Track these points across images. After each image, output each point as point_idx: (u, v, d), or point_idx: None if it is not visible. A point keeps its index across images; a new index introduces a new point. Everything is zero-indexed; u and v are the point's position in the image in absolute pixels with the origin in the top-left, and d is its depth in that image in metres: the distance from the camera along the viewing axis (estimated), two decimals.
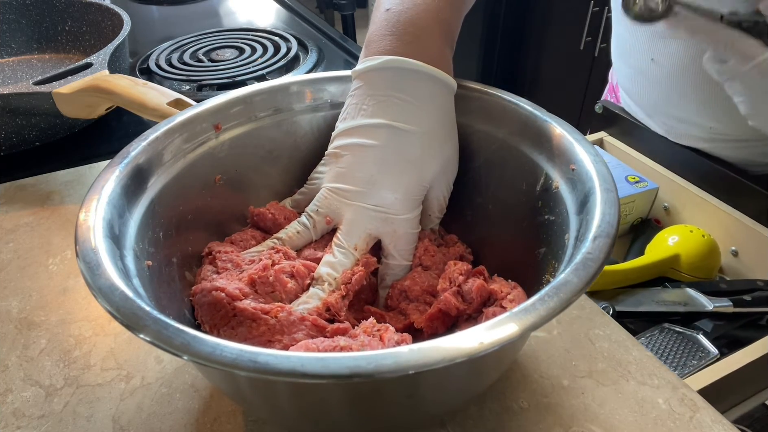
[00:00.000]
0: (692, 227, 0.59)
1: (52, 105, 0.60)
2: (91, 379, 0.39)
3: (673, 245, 0.58)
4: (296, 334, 0.34)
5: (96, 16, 0.81)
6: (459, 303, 0.37)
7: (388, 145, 0.39)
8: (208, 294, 0.35)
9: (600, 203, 0.31)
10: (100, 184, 0.33)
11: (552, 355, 0.40)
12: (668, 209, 0.65)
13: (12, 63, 0.84)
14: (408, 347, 0.23)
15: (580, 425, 0.36)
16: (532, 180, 0.39)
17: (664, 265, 0.58)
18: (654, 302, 0.54)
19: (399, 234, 0.40)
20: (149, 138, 0.37)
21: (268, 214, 0.43)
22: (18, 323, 0.44)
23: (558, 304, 0.26)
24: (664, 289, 0.56)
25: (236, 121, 0.43)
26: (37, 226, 0.54)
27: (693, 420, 0.36)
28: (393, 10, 0.40)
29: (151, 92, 0.57)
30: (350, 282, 0.38)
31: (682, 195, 0.63)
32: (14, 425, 0.37)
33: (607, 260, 0.29)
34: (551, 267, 0.35)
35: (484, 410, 0.37)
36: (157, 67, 0.85)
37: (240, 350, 0.23)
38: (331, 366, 0.23)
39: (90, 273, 0.27)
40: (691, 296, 0.54)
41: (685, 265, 0.57)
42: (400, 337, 0.34)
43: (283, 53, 0.88)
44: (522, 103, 0.40)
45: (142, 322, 0.25)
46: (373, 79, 0.40)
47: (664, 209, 0.65)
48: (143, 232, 0.34)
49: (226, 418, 0.37)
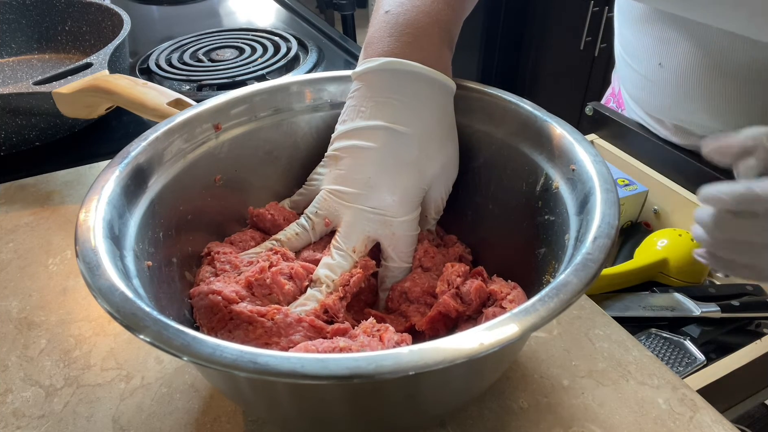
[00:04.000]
0: (681, 231, 0.59)
1: (52, 105, 0.60)
2: (91, 379, 0.39)
3: (662, 249, 0.58)
4: (294, 336, 0.34)
5: (96, 16, 0.81)
6: (458, 305, 0.37)
7: (386, 147, 0.39)
8: (204, 297, 0.35)
9: (600, 204, 0.31)
10: (100, 184, 0.33)
11: (552, 355, 0.40)
12: (658, 212, 0.65)
13: (12, 63, 0.84)
14: (408, 348, 0.23)
15: (580, 425, 0.36)
16: (532, 180, 0.39)
17: (652, 269, 0.57)
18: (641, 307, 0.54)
19: (397, 236, 0.40)
20: (149, 138, 0.37)
21: (268, 214, 0.43)
22: (18, 323, 0.44)
23: (558, 304, 0.26)
24: (651, 294, 0.56)
25: (236, 121, 0.43)
26: (37, 226, 0.54)
27: (693, 420, 0.36)
28: (392, 12, 0.40)
29: (151, 92, 0.57)
30: (348, 284, 0.38)
31: (672, 198, 0.63)
32: (14, 425, 0.37)
33: (608, 261, 0.29)
34: (551, 267, 0.35)
35: (484, 410, 0.37)
36: (157, 67, 0.85)
37: (240, 351, 0.23)
38: (331, 367, 0.23)
39: (90, 273, 0.27)
40: (678, 301, 0.54)
41: (673, 270, 0.57)
42: (400, 338, 0.34)
43: (283, 53, 0.88)
44: (522, 103, 0.40)
45: (142, 322, 0.25)
46: (372, 80, 0.40)
47: (654, 212, 0.65)
48: (143, 232, 0.34)
49: (226, 418, 0.37)
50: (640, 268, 0.57)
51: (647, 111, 0.69)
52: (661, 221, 0.65)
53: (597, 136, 0.72)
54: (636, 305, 0.54)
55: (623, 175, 0.65)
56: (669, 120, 0.66)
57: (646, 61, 0.64)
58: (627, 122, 0.69)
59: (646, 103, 0.68)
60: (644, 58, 0.64)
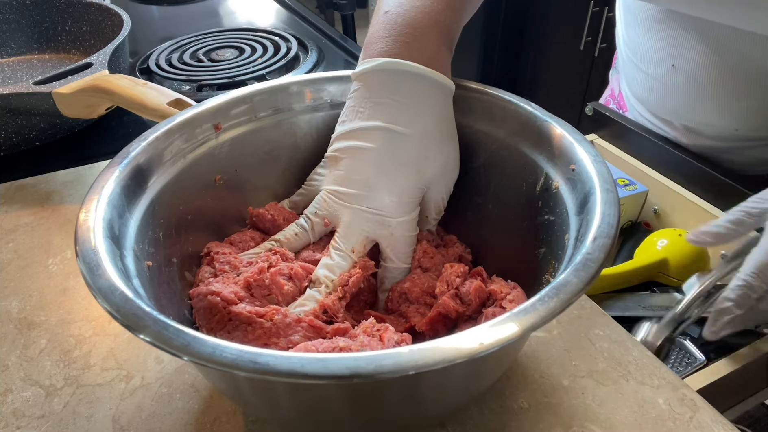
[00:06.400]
0: (681, 231, 0.59)
1: (52, 105, 0.60)
2: (91, 379, 0.39)
3: (662, 249, 0.57)
4: (293, 336, 0.34)
5: (96, 16, 0.81)
6: (457, 305, 0.37)
7: (384, 147, 0.39)
8: (203, 298, 0.35)
9: (600, 204, 0.31)
10: (100, 184, 0.33)
11: (552, 355, 0.40)
12: (658, 212, 0.65)
13: (12, 63, 0.84)
14: (408, 348, 0.23)
15: (580, 425, 0.36)
16: (532, 180, 0.39)
17: (652, 269, 0.57)
18: (641, 307, 0.54)
19: (396, 237, 0.40)
20: (149, 138, 0.37)
21: (267, 215, 0.43)
22: (18, 323, 0.44)
23: (558, 304, 0.26)
24: (651, 294, 0.56)
25: (236, 121, 0.43)
26: (37, 226, 0.54)
27: (693, 420, 0.36)
28: (391, 13, 0.40)
29: (151, 92, 0.57)
30: (347, 284, 0.38)
31: (672, 198, 0.63)
32: (14, 425, 0.37)
33: (608, 261, 0.29)
34: (551, 267, 0.35)
35: (484, 410, 0.37)
36: (157, 67, 0.85)
37: (240, 351, 0.23)
38: (331, 366, 0.23)
39: (90, 273, 0.27)
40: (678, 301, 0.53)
41: (673, 270, 0.57)
42: (400, 338, 0.34)
43: (283, 53, 0.88)
44: (522, 103, 0.40)
45: (142, 322, 0.25)
46: (370, 81, 0.40)
47: (653, 212, 0.65)
48: (143, 232, 0.34)
49: (226, 418, 0.37)
50: (641, 268, 0.57)
51: (655, 113, 0.69)
52: (661, 221, 0.65)
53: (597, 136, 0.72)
54: (636, 305, 0.54)
55: (623, 175, 0.65)
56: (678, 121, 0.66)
57: (657, 63, 0.64)
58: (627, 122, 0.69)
59: (655, 105, 0.68)
60: (655, 60, 0.64)
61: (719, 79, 0.58)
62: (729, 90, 0.58)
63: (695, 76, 0.60)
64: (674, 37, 0.60)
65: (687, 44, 0.59)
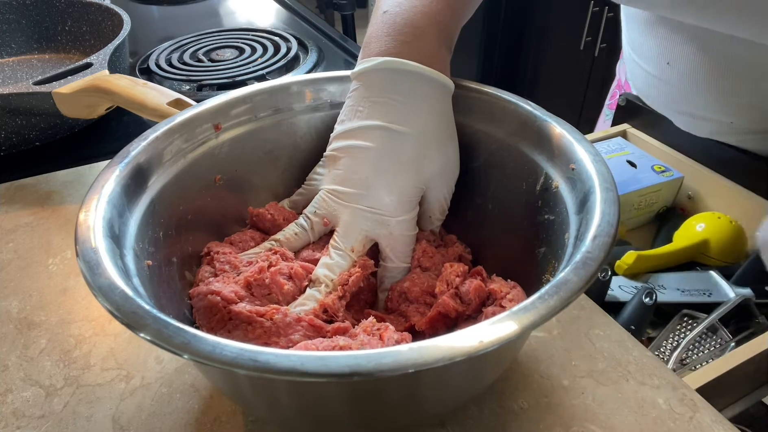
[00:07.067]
0: (720, 214, 0.61)
1: (52, 105, 0.60)
2: (91, 379, 0.39)
3: (702, 231, 0.60)
4: (293, 335, 0.34)
5: (96, 16, 0.81)
6: (457, 305, 0.37)
7: (383, 146, 0.39)
8: (203, 298, 0.35)
9: (600, 202, 0.31)
10: (100, 184, 0.33)
11: (552, 355, 0.40)
12: (692, 197, 0.68)
13: (12, 63, 0.84)
14: (408, 346, 0.23)
15: (580, 425, 0.36)
16: (532, 180, 0.39)
17: (693, 250, 0.60)
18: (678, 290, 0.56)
19: (395, 236, 0.40)
20: (149, 138, 0.37)
21: (267, 214, 0.43)
22: (18, 323, 0.44)
23: (558, 302, 0.26)
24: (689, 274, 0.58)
25: (236, 121, 0.43)
26: (37, 226, 0.54)
27: (693, 420, 0.36)
28: (390, 12, 0.40)
29: (151, 92, 0.57)
30: (347, 283, 0.38)
31: (706, 183, 0.66)
32: (14, 425, 0.37)
33: (607, 259, 0.29)
34: (551, 266, 0.35)
35: (484, 410, 0.37)
36: (157, 67, 0.85)
37: (240, 349, 0.23)
38: (331, 365, 0.23)
39: (90, 272, 0.27)
40: (715, 282, 0.56)
41: (714, 251, 0.60)
42: (400, 336, 0.34)
43: (283, 53, 0.88)
44: (522, 103, 0.40)
45: (142, 320, 0.25)
46: (369, 80, 0.40)
47: (688, 197, 0.68)
48: (143, 231, 0.34)
49: (226, 418, 0.37)
50: (681, 249, 0.60)
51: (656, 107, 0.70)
52: (695, 205, 0.67)
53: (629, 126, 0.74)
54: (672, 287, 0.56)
55: (659, 162, 0.67)
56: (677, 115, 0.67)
57: (654, 61, 0.66)
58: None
59: (654, 99, 0.70)
60: (652, 58, 0.66)
61: (710, 77, 0.60)
62: (719, 87, 0.60)
63: (688, 74, 0.62)
64: (668, 37, 0.62)
65: (679, 44, 0.61)
